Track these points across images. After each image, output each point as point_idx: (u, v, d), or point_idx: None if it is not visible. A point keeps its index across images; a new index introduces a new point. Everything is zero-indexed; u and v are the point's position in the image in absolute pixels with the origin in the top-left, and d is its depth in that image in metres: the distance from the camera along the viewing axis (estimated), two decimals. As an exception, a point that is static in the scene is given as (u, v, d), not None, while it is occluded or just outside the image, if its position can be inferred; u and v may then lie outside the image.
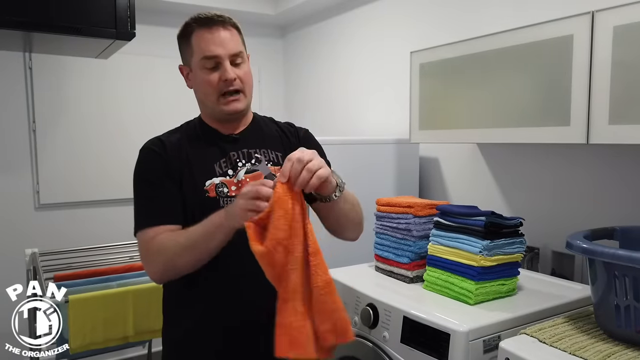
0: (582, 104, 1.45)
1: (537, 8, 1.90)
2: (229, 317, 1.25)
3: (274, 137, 1.38)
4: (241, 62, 1.27)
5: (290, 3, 3.20)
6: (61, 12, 1.98)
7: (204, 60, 1.23)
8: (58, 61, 2.93)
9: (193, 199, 1.23)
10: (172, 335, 1.34)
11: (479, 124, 1.79)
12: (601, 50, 1.39)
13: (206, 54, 1.23)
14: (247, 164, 1.29)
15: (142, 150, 1.29)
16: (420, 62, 2.00)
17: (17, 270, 2.45)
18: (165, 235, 1.17)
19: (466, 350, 1.24)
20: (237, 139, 1.32)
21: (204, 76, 1.24)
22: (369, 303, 1.54)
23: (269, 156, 1.33)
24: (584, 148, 1.78)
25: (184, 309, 1.30)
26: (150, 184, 1.24)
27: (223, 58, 1.23)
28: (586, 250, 1.15)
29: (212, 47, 1.22)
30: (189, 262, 1.16)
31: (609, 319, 1.16)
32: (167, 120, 3.54)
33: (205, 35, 1.23)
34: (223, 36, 1.24)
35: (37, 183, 2.95)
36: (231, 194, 1.24)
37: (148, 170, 1.26)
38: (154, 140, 1.30)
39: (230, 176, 1.26)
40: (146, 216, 1.22)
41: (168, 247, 1.16)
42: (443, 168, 2.41)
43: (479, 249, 1.42)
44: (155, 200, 1.23)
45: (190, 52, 1.26)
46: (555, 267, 1.85)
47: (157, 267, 1.20)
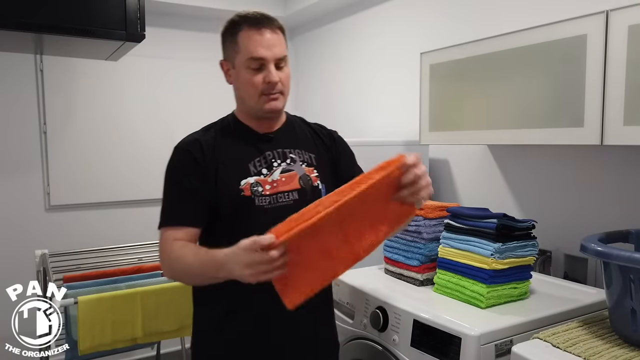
0: (596, 105, 1.42)
1: (550, 8, 1.88)
2: (258, 305, 1.26)
3: (307, 138, 1.39)
4: (284, 65, 1.28)
5: (299, 5, 3.19)
6: (72, 14, 2.00)
7: (250, 60, 1.24)
8: (69, 63, 2.95)
9: (228, 197, 1.24)
10: (202, 324, 1.36)
11: (490, 126, 1.77)
12: (616, 50, 1.37)
13: (253, 55, 1.23)
14: (282, 163, 1.30)
15: (177, 149, 1.29)
16: (431, 63, 1.99)
17: (27, 271, 2.47)
18: (179, 248, 1.19)
19: (478, 354, 1.22)
20: (272, 138, 1.33)
21: (248, 76, 1.25)
22: (378, 306, 1.52)
23: (303, 157, 1.34)
24: (598, 149, 1.75)
25: (210, 303, 1.32)
26: (179, 185, 1.26)
27: (269, 61, 1.24)
28: (601, 253, 1.13)
29: (260, 49, 1.23)
30: (191, 282, 1.27)
31: (625, 323, 1.13)
32: (176, 122, 3.58)
33: (254, 36, 1.24)
34: (270, 39, 1.24)
35: (48, 184, 2.97)
36: (265, 192, 1.25)
37: (179, 170, 1.27)
38: (189, 140, 1.29)
39: (264, 175, 1.27)
40: (170, 216, 1.25)
41: (175, 263, 1.20)
42: (453, 170, 2.39)
43: (490, 252, 1.40)
44: (181, 201, 1.25)
45: (236, 49, 1.26)
46: (568, 270, 1.83)
47: (167, 272, 1.27)
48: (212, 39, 3.42)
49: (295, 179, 1.29)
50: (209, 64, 3.38)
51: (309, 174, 1.31)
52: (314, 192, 1.30)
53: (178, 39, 3.30)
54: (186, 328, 2.08)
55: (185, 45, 3.32)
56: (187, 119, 3.31)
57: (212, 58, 3.56)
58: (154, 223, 1.28)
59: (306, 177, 1.30)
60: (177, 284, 2.06)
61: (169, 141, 3.61)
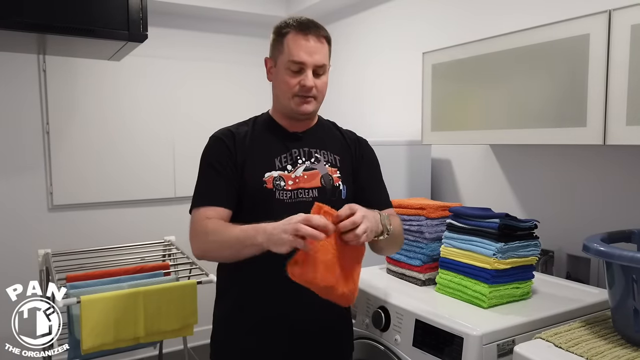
0: (598, 105, 1.42)
1: (552, 7, 1.88)
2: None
3: (335, 141, 1.45)
4: (322, 73, 1.34)
5: (301, 5, 3.19)
6: (75, 14, 2.00)
7: (290, 63, 1.30)
8: (71, 63, 2.96)
9: (252, 188, 1.31)
10: (220, 311, 1.42)
11: (493, 125, 1.76)
12: (618, 50, 1.37)
13: (294, 58, 1.29)
14: (306, 161, 1.36)
15: (212, 137, 1.38)
16: (433, 63, 1.99)
17: (30, 270, 2.47)
18: (213, 223, 1.25)
19: (480, 354, 1.22)
20: (301, 137, 1.40)
21: (286, 77, 1.31)
22: (380, 306, 1.52)
23: (328, 157, 1.39)
24: (601, 149, 1.75)
25: (232, 288, 1.38)
26: (212, 168, 1.32)
27: (308, 66, 1.30)
28: (603, 253, 1.13)
29: (302, 54, 1.29)
30: (224, 257, 1.27)
31: (627, 323, 1.13)
32: (179, 121, 3.58)
33: (300, 41, 1.30)
34: (314, 46, 1.31)
35: (51, 184, 2.97)
36: (287, 187, 1.32)
37: (213, 156, 1.34)
38: (224, 131, 1.38)
39: (288, 171, 1.34)
40: (202, 197, 1.31)
41: (210, 236, 1.23)
42: (455, 170, 2.39)
43: (492, 252, 1.40)
44: (213, 184, 1.32)
45: (281, 50, 1.32)
46: (571, 270, 1.82)
47: (198, 247, 1.27)
48: (215, 38, 3.43)
49: (317, 177, 1.34)
50: (212, 63, 3.42)
51: (331, 174, 1.37)
52: (334, 191, 1.35)
53: (180, 39, 3.31)
54: (188, 327, 2.08)
55: (188, 45, 3.33)
56: (190, 119, 3.33)
57: (214, 58, 3.57)
58: (157, 222, 1.29)
59: (328, 176, 1.36)
60: (180, 283, 2.06)
61: (171, 140, 3.64)
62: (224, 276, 1.42)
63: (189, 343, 2.47)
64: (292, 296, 1.26)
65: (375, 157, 1.50)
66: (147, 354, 2.92)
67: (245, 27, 3.44)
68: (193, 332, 2.09)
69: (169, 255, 2.55)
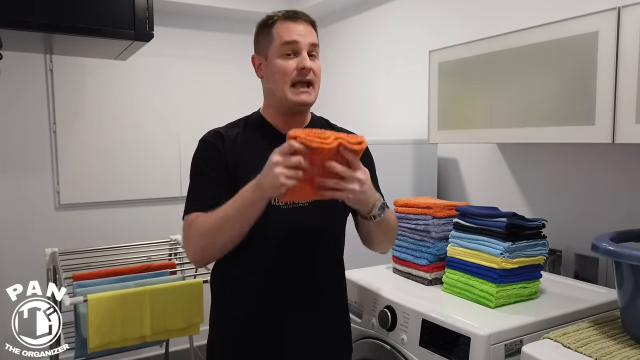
0: (607, 103, 1.41)
1: (560, 5, 1.86)
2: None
3: None
4: (316, 55, 1.31)
5: (305, 4, 3.19)
6: (81, 13, 2.01)
7: (284, 45, 1.27)
8: (78, 63, 2.97)
9: None
10: (217, 319, 1.38)
11: (500, 124, 1.75)
12: (627, 47, 1.35)
13: (287, 39, 1.26)
14: None
15: (201, 141, 1.33)
16: (439, 61, 1.98)
17: (37, 269, 2.49)
18: (202, 217, 1.21)
19: (487, 354, 1.22)
20: None
21: (281, 62, 1.27)
22: (386, 305, 1.52)
23: None
24: (609, 148, 1.73)
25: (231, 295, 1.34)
26: (203, 173, 1.29)
27: (302, 46, 1.27)
28: (613, 252, 1.12)
29: (294, 35, 1.27)
30: (225, 241, 1.19)
31: (637, 323, 1.12)
32: (185, 120, 3.58)
33: (290, 25, 1.28)
34: (305, 28, 1.29)
35: (58, 183, 2.99)
36: None
37: (203, 161, 1.30)
38: (213, 133, 1.33)
39: None
40: (193, 203, 1.27)
41: (205, 226, 1.19)
42: (462, 168, 2.37)
43: (500, 251, 1.39)
44: (203, 188, 1.28)
45: (270, 39, 1.30)
46: (579, 270, 1.81)
47: (196, 247, 1.23)
48: (221, 38, 3.43)
49: None
50: (218, 63, 3.42)
51: None
52: None
53: (187, 38, 3.31)
54: (194, 326, 2.08)
55: (194, 44, 3.33)
56: (196, 118, 3.34)
57: (221, 57, 3.57)
58: (163, 221, 1.29)
59: None
60: (186, 282, 2.07)
61: (177, 140, 3.64)
62: (217, 282, 1.39)
63: (195, 342, 2.47)
64: (287, 301, 1.25)
65: (371, 157, 1.45)
66: (153, 353, 2.93)
67: (254, 26, 3.42)
68: (199, 331, 2.09)
69: (175, 255, 2.56)
